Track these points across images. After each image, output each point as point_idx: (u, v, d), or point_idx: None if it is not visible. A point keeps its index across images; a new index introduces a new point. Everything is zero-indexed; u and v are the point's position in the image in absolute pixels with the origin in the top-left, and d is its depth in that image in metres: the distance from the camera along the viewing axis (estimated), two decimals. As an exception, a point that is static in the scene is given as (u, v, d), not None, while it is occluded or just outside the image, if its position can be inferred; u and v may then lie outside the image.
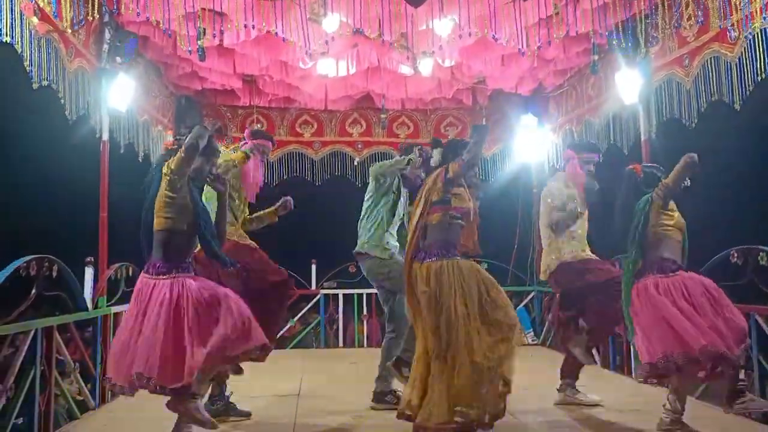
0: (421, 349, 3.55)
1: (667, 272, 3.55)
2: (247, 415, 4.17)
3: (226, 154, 4.37)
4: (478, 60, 6.37)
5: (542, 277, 4.70)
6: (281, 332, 8.26)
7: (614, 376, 5.70)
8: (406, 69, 6.54)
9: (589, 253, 4.51)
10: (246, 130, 4.63)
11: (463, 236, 3.72)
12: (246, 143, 4.44)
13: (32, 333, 3.92)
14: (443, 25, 5.50)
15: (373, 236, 4.48)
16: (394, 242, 4.54)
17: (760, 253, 4.36)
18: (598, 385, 4.86)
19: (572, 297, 4.39)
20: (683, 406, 3.57)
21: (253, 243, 4.36)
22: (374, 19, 5.41)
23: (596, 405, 4.35)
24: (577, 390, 4.45)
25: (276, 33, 5.25)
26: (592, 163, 4.54)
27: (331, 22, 5.35)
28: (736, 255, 4.59)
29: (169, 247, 3.25)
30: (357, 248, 4.58)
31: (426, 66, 6.30)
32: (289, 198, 4.62)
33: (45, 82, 4.28)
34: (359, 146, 8.26)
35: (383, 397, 4.41)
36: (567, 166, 4.65)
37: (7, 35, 3.76)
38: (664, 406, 3.63)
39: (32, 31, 4.05)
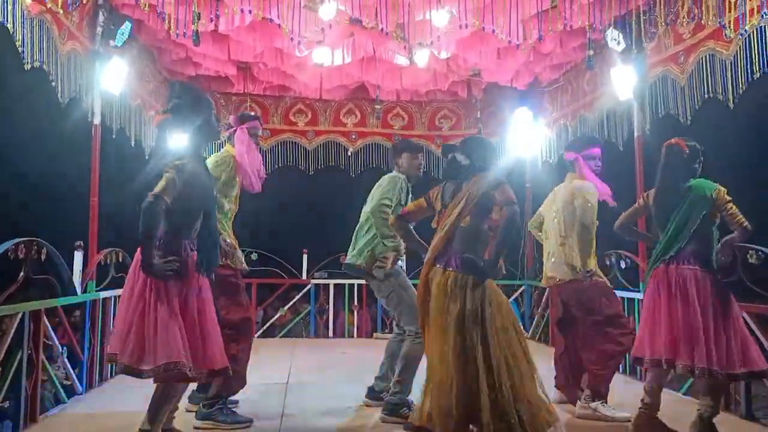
0: (436, 354, 3.29)
1: (699, 264, 3.48)
2: (235, 403, 4.15)
3: (223, 151, 4.16)
4: (474, 52, 6.35)
5: (546, 282, 4.38)
6: (271, 321, 8.30)
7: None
8: (401, 60, 6.51)
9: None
10: (231, 117, 4.35)
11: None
12: (234, 130, 4.18)
13: (20, 316, 3.89)
14: (440, 16, 5.48)
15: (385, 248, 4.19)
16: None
17: (749, 251, 4.37)
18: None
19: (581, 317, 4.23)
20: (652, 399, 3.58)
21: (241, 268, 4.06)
22: (371, 8, 5.38)
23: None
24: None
25: (271, 19, 5.21)
26: (598, 158, 4.36)
27: (328, 10, 5.31)
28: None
29: None
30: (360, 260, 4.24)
31: (422, 57, 6.28)
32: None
33: (37, 64, 4.24)
34: (353, 136, 8.24)
35: (398, 410, 3.95)
36: (576, 169, 4.39)
37: (-2, 15, 3.72)
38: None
39: (24, 12, 4.01)
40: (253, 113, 5.03)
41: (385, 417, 3.97)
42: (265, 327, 8.15)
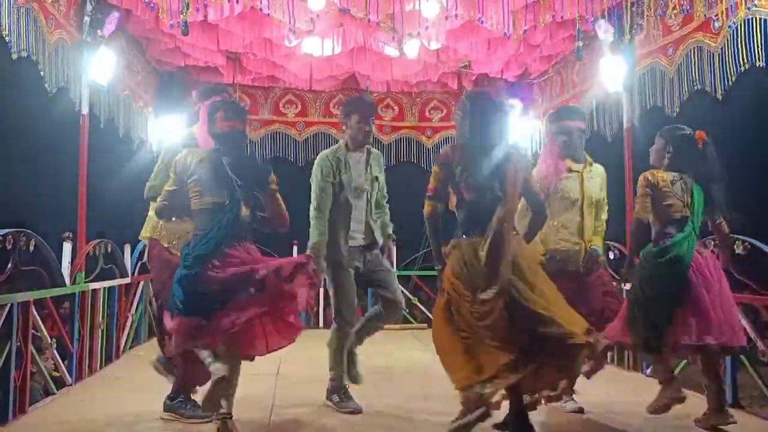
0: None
1: None
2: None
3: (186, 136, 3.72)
4: (464, 43, 6.35)
5: None
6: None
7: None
8: (391, 51, 6.50)
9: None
10: (194, 93, 3.81)
11: None
12: (198, 107, 3.65)
13: (8, 307, 3.86)
14: (430, 7, 5.47)
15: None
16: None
17: (736, 242, 4.42)
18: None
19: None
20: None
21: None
22: (360, -3, 5.37)
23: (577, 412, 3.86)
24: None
25: (260, 9, 5.18)
26: (566, 134, 3.89)
27: (317, 0, 5.29)
28: (712, 243, 4.63)
29: None
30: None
31: (412, 48, 6.27)
32: None
33: (24, 53, 4.20)
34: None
35: (331, 395, 4.07)
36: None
37: (-16, 3, 3.68)
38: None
39: (11, 0, 3.96)
40: (219, 85, 4.38)
41: (325, 402, 4.08)
42: (255, 318, 8.13)
